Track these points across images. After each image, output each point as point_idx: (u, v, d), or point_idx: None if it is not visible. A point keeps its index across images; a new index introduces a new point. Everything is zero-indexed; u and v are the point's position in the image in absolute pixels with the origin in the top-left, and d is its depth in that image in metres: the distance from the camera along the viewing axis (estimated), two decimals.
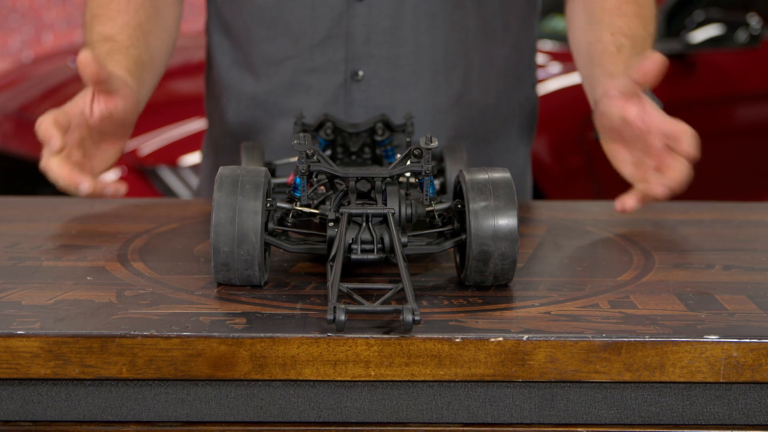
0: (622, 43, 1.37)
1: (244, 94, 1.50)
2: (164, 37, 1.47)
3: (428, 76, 1.47)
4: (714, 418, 0.92)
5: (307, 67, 1.46)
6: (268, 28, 1.47)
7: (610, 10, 1.40)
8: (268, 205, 1.01)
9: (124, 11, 1.42)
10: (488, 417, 0.92)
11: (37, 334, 0.88)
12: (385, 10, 1.44)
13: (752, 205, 1.46)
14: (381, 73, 1.46)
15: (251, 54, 1.49)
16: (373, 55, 1.45)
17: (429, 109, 1.47)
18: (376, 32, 1.45)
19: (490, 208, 0.99)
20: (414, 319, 0.87)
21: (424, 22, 1.45)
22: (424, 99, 1.47)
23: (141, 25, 1.42)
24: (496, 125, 1.53)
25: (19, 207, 1.39)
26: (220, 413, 0.91)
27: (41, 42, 5.53)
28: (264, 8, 1.46)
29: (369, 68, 1.46)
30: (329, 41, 1.45)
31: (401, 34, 1.45)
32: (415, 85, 1.46)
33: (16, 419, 0.91)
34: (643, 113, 1.27)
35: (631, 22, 1.39)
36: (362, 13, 1.44)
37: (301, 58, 1.46)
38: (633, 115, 1.28)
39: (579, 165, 3.06)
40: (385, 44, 1.45)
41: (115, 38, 1.39)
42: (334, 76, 1.46)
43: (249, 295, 0.99)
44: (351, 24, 1.44)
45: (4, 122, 3.17)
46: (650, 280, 1.07)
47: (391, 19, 1.45)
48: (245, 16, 1.48)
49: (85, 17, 1.45)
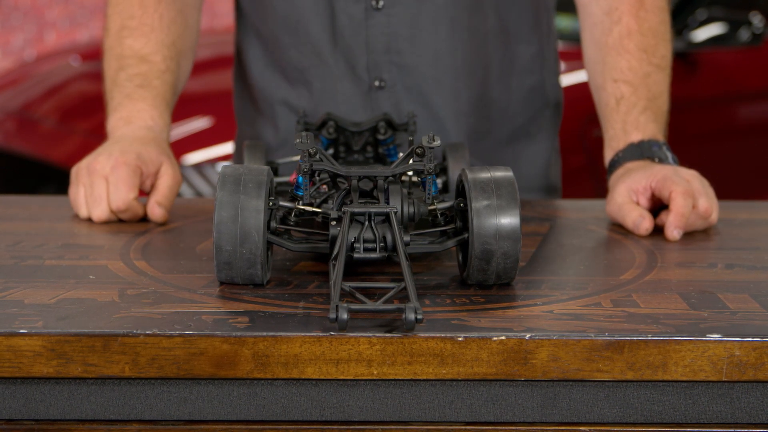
0: (622, 94, 1.37)
1: (277, 98, 1.51)
2: (191, 56, 1.48)
3: (449, 81, 1.47)
4: (716, 417, 0.92)
5: (332, 75, 1.46)
6: (292, 36, 1.47)
7: (614, 48, 1.39)
8: (270, 203, 1.01)
9: (158, 27, 1.41)
10: (491, 416, 0.92)
11: (40, 333, 0.88)
12: (404, 19, 1.44)
13: (755, 204, 1.46)
14: (403, 81, 1.46)
15: (281, 59, 1.49)
16: (393, 63, 1.45)
17: (451, 114, 1.47)
18: (395, 40, 1.45)
19: (492, 206, 0.99)
20: (416, 318, 0.87)
21: (442, 29, 1.45)
22: (446, 105, 1.47)
23: (174, 44, 1.42)
24: (518, 123, 1.53)
25: (21, 206, 1.39)
26: (222, 412, 0.91)
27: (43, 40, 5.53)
28: (286, 17, 1.47)
29: (391, 76, 1.46)
30: (350, 50, 1.45)
31: (421, 42, 1.45)
32: (438, 92, 1.47)
33: (19, 418, 0.91)
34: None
35: (633, 60, 1.38)
36: (381, 22, 1.44)
37: (325, 65, 1.46)
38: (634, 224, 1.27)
39: (581, 164, 3.06)
40: (405, 52, 1.45)
41: (150, 59, 1.39)
42: (359, 85, 1.46)
43: (251, 293, 0.99)
44: (370, 33, 1.45)
45: (7, 121, 3.16)
46: (653, 278, 1.07)
47: (410, 27, 1.45)
48: (271, 23, 1.49)
49: (110, 23, 1.43)
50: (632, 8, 1.40)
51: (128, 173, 1.26)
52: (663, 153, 1.32)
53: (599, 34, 1.42)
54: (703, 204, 1.24)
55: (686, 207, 1.23)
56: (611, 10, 1.40)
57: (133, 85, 1.38)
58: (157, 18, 1.41)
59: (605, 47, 1.40)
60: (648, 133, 1.34)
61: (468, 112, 1.48)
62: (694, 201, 1.24)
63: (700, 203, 1.24)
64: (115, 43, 1.41)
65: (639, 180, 1.28)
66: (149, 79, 1.38)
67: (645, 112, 1.36)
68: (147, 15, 1.41)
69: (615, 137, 1.37)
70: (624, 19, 1.40)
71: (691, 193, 1.24)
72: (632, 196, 1.28)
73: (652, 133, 1.35)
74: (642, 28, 1.40)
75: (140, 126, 1.35)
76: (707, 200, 1.25)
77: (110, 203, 1.25)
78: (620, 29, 1.39)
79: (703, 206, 1.24)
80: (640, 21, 1.39)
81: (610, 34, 1.40)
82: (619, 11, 1.40)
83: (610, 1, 1.41)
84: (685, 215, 1.22)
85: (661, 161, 1.31)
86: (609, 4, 1.41)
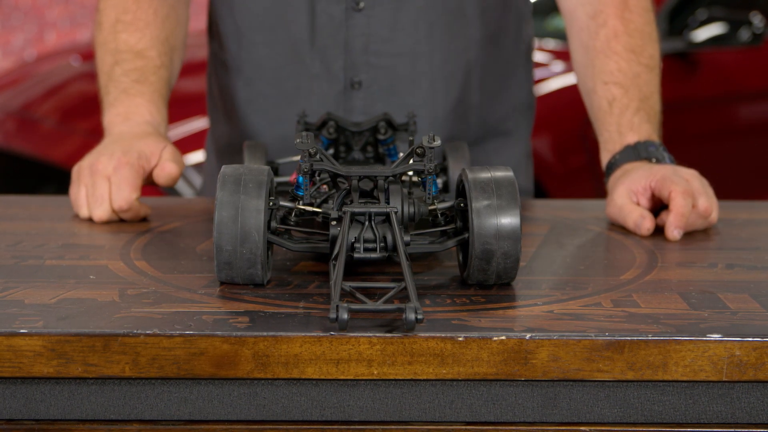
0: (614, 96, 1.37)
1: (239, 99, 1.50)
2: (182, 52, 1.48)
3: (426, 84, 1.47)
4: (717, 417, 0.92)
5: (307, 74, 1.46)
6: (266, 34, 1.47)
7: (601, 51, 1.40)
8: (270, 203, 1.01)
9: (152, 23, 1.41)
10: (491, 416, 0.92)
11: (40, 332, 0.88)
12: (383, 20, 1.45)
13: (755, 204, 1.46)
14: (380, 82, 1.46)
15: (241, 58, 1.49)
16: (371, 64, 1.46)
17: (427, 116, 1.47)
18: (374, 41, 1.45)
19: (492, 206, 0.99)
20: (417, 318, 0.87)
21: (422, 32, 1.46)
22: (423, 106, 1.47)
23: (168, 40, 1.42)
24: (493, 127, 1.53)
25: (21, 206, 1.39)
26: (222, 412, 0.91)
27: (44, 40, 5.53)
28: (262, 15, 1.46)
29: (368, 76, 1.46)
30: (328, 50, 1.45)
31: (399, 44, 1.46)
32: (413, 93, 1.47)
33: (19, 418, 0.91)
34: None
35: (622, 61, 1.38)
36: (361, 22, 1.45)
37: (301, 64, 1.46)
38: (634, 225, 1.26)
39: (581, 164, 3.06)
40: (383, 53, 1.46)
41: (146, 54, 1.39)
42: (334, 84, 1.46)
43: (252, 293, 0.99)
44: (350, 33, 1.45)
45: (7, 121, 3.16)
46: (653, 278, 1.07)
47: (389, 29, 1.45)
48: (237, 19, 1.48)
49: (102, 17, 1.43)
50: (617, 10, 1.40)
51: (131, 173, 1.26)
52: (660, 153, 1.32)
53: (586, 38, 1.42)
54: (702, 203, 1.24)
55: (686, 207, 1.23)
56: (596, 13, 1.41)
57: (129, 80, 1.38)
58: (151, 13, 1.41)
59: (593, 51, 1.41)
60: (643, 134, 1.35)
61: (444, 115, 1.48)
62: (693, 200, 1.24)
63: (699, 203, 1.24)
64: (110, 38, 1.41)
65: (638, 180, 1.28)
66: (146, 74, 1.38)
67: (638, 113, 1.36)
68: (141, 10, 1.41)
69: (610, 140, 1.37)
70: (610, 22, 1.40)
71: (690, 193, 1.24)
72: (632, 197, 1.28)
73: (648, 134, 1.35)
74: (628, 29, 1.40)
75: (139, 122, 1.35)
76: (707, 199, 1.25)
77: (113, 203, 1.25)
78: (606, 32, 1.40)
79: (703, 206, 1.24)
80: (625, 22, 1.40)
81: (597, 37, 1.40)
82: (605, 14, 1.40)
83: (595, 5, 1.41)
84: (685, 215, 1.22)
85: (659, 161, 1.31)
86: (594, 8, 1.41)
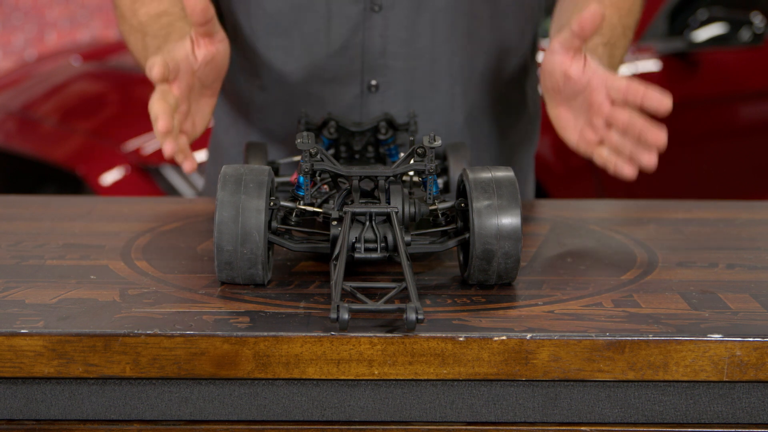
0: None
1: (253, 102, 1.49)
2: None
3: (445, 87, 1.45)
4: (717, 417, 0.92)
5: (322, 77, 1.43)
6: (281, 37, 1.45)
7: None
8: (271, 203, 1.01)
9: None
10: (492, 416, 0.92)
11: (41, 332, 0.88)
12: (401, 22, 1.42)
13: (756, 204, 1.46)
14: (397, 85, 1.43)
15: (256, 62, 1.47)
16: (389, 67, 1.43)
17: (445, 120, 1.45)
18: (392, 43, 1.42)
19: (493, 206, 0.99)
20: (417, 318, 0.87)
21: (440, 34, 1.43)
22: (441, 110, 1.45)
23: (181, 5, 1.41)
24: (500, 128, 1.52)
25: (22, 205, 1.39)
26: (223, 412, 0.91)
27: (44, 40, 5.53)
28: (277, 17, 1.44)
29: (385, 79, 1.43)
30: (345, 51, 1.42)
31: (418, 46, 1.43)
32: (432, 97, 1.45)
33: (20, 418, 0.91)
34: (585, 67, 1.22)
35: (606, 9, 1.35)
36: (379, 24, 1.42)
37: (316, 67, 1.44)
38: (574, 70, 1.22)
39: (582, 164, 3.06)
40: (401, 55, 1.43)
41: (169, 12, 1.38)
42: (350, 87, 1.44)
43: (252, 293, 0.99)
44: (367, 35, 1.42)
45: (7, 120, 3.17)
46: (654, 278, 1.07)
47: (407, 31, 1.42)
48: (253, 23, 1.46)
49: (120, 4, 1.43)
50: None
51: None
52: None
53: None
54: None
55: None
56: None
57: (161, 35, 1.35)
58: None
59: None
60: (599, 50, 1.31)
61: (461, 119, 1.47)
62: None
63: None
64: (133, 20, 1.40)
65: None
66: (173, 25, 1.35)
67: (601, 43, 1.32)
68: None
69: (563, 28, 1.29)
70: None
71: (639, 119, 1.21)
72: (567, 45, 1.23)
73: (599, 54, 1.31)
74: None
75: None
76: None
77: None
78: None
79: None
80: None
81: None
82: None
83: None
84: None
85: None
86: None
